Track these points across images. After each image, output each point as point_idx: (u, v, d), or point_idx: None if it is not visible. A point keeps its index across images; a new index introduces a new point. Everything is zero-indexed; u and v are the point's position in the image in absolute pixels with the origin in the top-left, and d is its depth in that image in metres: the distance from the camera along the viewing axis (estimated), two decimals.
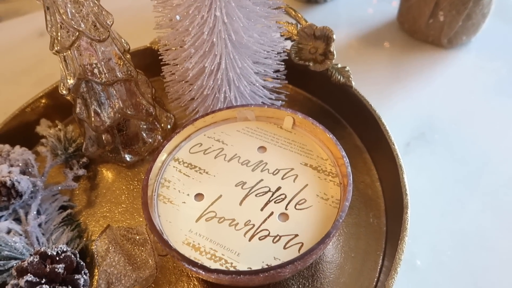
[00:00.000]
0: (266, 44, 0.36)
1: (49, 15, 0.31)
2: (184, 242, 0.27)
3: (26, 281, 0.24)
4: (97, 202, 0.37)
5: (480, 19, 0.45)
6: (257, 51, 0.36)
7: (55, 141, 0.38)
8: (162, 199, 0.30)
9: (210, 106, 0.38)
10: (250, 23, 0.34)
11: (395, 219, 0.31)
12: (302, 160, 0.31)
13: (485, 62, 0.47)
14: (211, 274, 0.25)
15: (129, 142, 0.40)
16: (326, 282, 0.31)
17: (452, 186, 0.36)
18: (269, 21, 0.35)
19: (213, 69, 0.35)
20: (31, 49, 0.57)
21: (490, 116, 0.41)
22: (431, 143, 0.40)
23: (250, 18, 0.34)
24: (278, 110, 0.34)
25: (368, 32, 0.53)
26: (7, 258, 0.28)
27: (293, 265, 0.25)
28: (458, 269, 0.31)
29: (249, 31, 0.34)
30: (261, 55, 0.36)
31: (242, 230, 0.28)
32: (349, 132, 0.40)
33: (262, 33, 0.35)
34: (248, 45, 0.35)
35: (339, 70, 0.39)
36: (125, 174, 0.39)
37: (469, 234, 0.33)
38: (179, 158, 0.32)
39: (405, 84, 0.45)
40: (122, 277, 0.28)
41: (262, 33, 0.35)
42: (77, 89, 0.34)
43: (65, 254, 0.26)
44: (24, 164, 0.35)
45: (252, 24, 0.34)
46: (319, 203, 0.29)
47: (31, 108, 0.42)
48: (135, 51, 0.44)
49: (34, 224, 0.31)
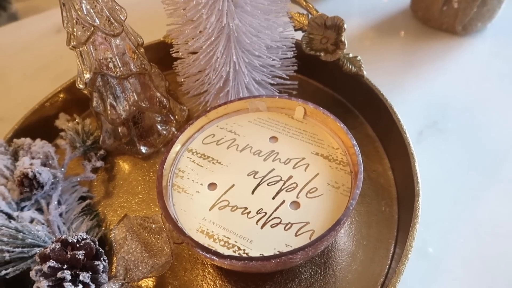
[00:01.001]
0: (274, 39, 0.37)
1: (65, 11, 0.32)
2: (198, 230, 0.28)
3: (48, 267, 0.26)
4: (114, 193, 0.38)
5: (496, 4, 0.45)
6: (266, 45, 0.36)
7: (74, 134, 0.39)
8: (177, 188, 0.31)
9: (221, 99, 0.38)
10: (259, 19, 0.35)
11: (407, 207, 0.31)
12: (313, 150, 0.32)
13: (501, 49, 0.46)
14: (224, 260, 0.26)
15: (144, 134, 0.41)
16: (338, 269, 0.31)
17: (465, 175, 0.36)
18: (276, 17, 0.36)
19: (223, 61, 0.35)
20: (49, 46, 0.59)
21: (504, 104, 0.41)
22: (444, 131, 0.39)
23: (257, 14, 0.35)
24: (289, 100, 0.34)
25: (381, 21, 0.52)
26: (31, 246, 0.29)
27: (304, 252, 0.25)
28: (470, 257, 0.31)
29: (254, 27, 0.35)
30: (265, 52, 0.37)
31: (255, 218, 0.28)
32: (361, 121, 0.40)
33: (270, 28, 0.36)
34: (255, 40, 0.35)
35: (351, 60, 0.39)
36: (141, 166, 0.40)
37: (482, 222, 0.33)
38: (193, 149, 0.33)
39: (418, 72, 0.45)
40: (139, 263, 0.29)
41: (270, 28, 0.36)
42: (93, 83, 0.35)
43: (85, 241, 0.27)
44: (45, 156, 0.36)
45: (261, 19, 0.35)
46: (330, 191, 0.29)
47: (50, 103, 0.43)
48: (149, 45, 0.45)
49: (55, 213, 0.33)
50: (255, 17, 0.35)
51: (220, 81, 0.37)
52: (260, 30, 0.36)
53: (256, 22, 0.35)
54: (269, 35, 0.37)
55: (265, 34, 0.36)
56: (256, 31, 0.35)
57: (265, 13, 0.35)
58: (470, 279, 0.30)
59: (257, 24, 0.35)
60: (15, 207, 0.33)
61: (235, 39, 0.35)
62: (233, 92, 0.38)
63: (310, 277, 0.31)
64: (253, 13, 0.34)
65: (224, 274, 0.32)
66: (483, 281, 0.30)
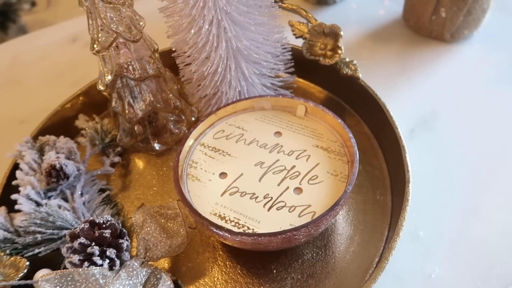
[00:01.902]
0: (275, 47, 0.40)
1: (91, 20, 0.35)
2: (211, 212, 0.31)
3: (79, 243, 0.29)
4: (131, 186, 0.41)
5: (480, 14, 0.48)
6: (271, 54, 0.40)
7: (93, 132, 0.43)
8: (191, 177, 0.34)
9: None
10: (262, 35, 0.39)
11: (399, 195, 0.35)
12: (314, 143, 0.35)
13: (486, 54, 0.50)
14: (236, 237, 0.29)
15: (158, 132, 0.44)
16: (337, 251, 0.34)
17: (452, 167, 0.39)
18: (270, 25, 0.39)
19: (221, 71, 0.39)
20: (65, 55, 0.63)
21: (489, 104, 0.44)
22: (434, 129, 0.43)
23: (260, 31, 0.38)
24: (291, 99, 0.38)
25: (376, 30, 0.56)
26: (60, 228, 0.33)
27: (306, 229, 0.28)
28: (457, 239, 0.34)
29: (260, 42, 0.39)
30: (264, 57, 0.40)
31: (262, 202, 0.32)
32: (357, 120, 0.44)
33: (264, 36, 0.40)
34: (262, 53, 0.39)
35: (347, 64, 0.42)
36: (154, 162, 0.43)
37: (468, 208, 0.36)
38: (204, 143, 0.37)
39: (410, 76, 0.49)
40: (158, 243, 0.32)
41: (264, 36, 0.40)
42: (113, 84, 0.39)
43: (110, 222, 0.31)
44: (68, 151, 0.39)
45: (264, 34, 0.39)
46: (329, 178, 0.32)
47: (70, 105, 0.47)
48: (162, 52, 0.49)
49: (80, 201, 0.36)
50: (258, 33, 0.38)
51: (236, 95, 0.41)
52: (264, 43, 0.39)
53: (260, 37, 0.39)
54: (272, 44, 0.40)
55: (268, 45, 0.40)
56: (261, 45, 0.39)
57: (265, 27, 0.39)
58: (456, 258, 0.33)
59: (261, 38, 0.39)
60: (43, 196, 0.36)
61: (244, 57, 0.39)
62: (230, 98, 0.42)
63: (312, 258, 0.34)
64: (257, 30, 0.38)
65: (233, 256, 0.35)
66: (468, 260, 0.33)
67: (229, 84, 0.40)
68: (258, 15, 0.38)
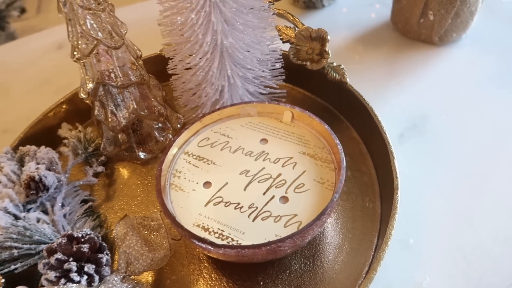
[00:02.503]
0: (263, 52, 0.40)
1: (71, 26, 0.34)
2: (194, 224, 0.30)
3: (56, 259, 0.28)
4: (115, 196, 0.40)
5: (468, 16, 0.48)
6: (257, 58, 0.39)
7: (76, 141, 0.42)
8: (174, 187, 0.33)
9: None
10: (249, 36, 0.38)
11: (388, 202, 0.34)
12: (300, 150, 0.34)
13: (475, 57, 0.49)
14: (218, 250, 0.28)
15: (143, 141, 0.43)
16: (326, 260, 0.33)
17: (442, 172, 0.39)
18: (264, 32, 0.39)
19: (218, 76, 0.38)
20: (51, 61, 0.62)
21: (479, 107, 0.44)
22: (423, 133, 0.42)
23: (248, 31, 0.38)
24: (277, 105, 0.37)
25: (364, 34, 0.56)
26: (38, 243, 0.31)
27: (292, 240, 0.27)
28: (448, 246, 0.33)
29: (246, 43, 0.38)
30: (257, 64, 0.40)
31: (247, 212, 0.31)
32: (346, 125, 0.43)
33: (259, 42, 0.39)
34: (247, 55, 0.38)
35: (335, 68, 0.42)
36: (139, 171, 0.42)
37: (458, 214, 0.35)
38: (189, 151, 0.36)
39: (399, 80, 0.48)
40: (139, 257, 0.31)
41: (259, 42, 0.39)
42: (95, 92, 0.38)
43: (89, 236, 0.30)
44: (49, 162, 0.38)
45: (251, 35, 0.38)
46: (316, 186, 0.32)
47: (53, 113, 0.46)
48: (147, 58, 0.48)
49: (60, 214, 0.35)
50: (246, 34, 0.38)
51: (216, 93, 0.40)
52: (251, 45, 0.39)
53: (247, 38, 0.38)
54: (259, 49, 0.40)
55: (255, 48, 0.39)
56: (248, 46, 0.38)
57: (254, 29, 0.38)
58: (448, 266, 0.32)
59: (248, 40, 0.38)
60: (21, 209, 0.35)
61: (228, 55, 0.38)
62: (228, 103, 0.41)
63: (300, 268, 0.33)
64: (244, 30, 0.37)
65: (219, 268, 0.34)
66: (460, 268, 0.32)
67: (211, 81, 0.39)
68: (247, 15, 0.37)
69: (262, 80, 0.42)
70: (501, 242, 0.33)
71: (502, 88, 0.46)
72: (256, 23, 0.38)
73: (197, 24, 0.36)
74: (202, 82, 0.40)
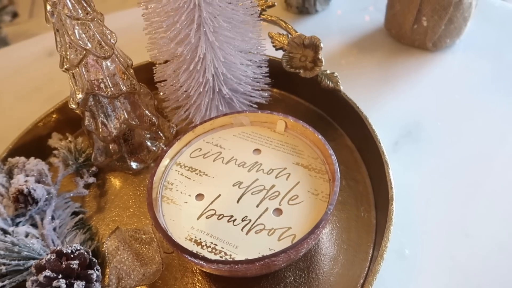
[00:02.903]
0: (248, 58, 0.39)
1: (59, 36, 0.34)
2: (186, 238, 0.30)
3: (44, 277, 0.27)
4: (106, 208, 0.40)
5: (461, 22, 0.48)
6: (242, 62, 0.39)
7: (66, 152, 0.41)
8: (166, 200, 0.32)
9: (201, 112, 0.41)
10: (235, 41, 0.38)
11: (383, 212, 0.33)
12: (294, 160, 0.34)
13: (469, 62, 0.49)
14: (211, 265, 0.27)
15: (135, 151, 0.42)
16: (320, 273, 0.33)
17: (437, 180, 0.38)
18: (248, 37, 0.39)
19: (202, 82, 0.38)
20: (41, 68, 0.61)
21: (473, 113, 0.44)
22: (418, 141, 0.42)
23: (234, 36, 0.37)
24: (271, 115, 0.36)
25: (358, 40, 0.55)
26: (26, 258, 0.31)
27: (286, 254, 0.27)
28: (444, 257, 0.33)
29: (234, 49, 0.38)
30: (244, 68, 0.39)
31: (240, 225, 0.30)
32: (340, 133, 0.43)
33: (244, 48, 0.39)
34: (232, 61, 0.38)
35: (328, 76, 0.41)
36: (131, 181, 0.42)
37: (453, 224, 0.35)
38: (181, 163, 0.35)
39: (393, 86, 0.48)
40: (131, 272, 0.30)
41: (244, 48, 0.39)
42: (85, 103, 0.37)
43: (78, 251, 0.29)
44: (39, 174, 0.38)
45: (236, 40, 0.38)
46: (310, 198, 0.31)
47: (43, 123, 0.45)
48: (138, 66, 0.48)
49: (50, 228, 0.34)
50: (228, 31, 0.37)
51: (198, 88, 0.39)
52: (234, 49, 0.38)
53: (230, 34, 0.37)
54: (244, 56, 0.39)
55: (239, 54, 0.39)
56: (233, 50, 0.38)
57: (239, 31, 0.38)
58: (443, 277, 0.32)
59: (230, 35, 0.38)
60: (10, 223, 0.34)
61: (215, 52, 0.37)
62: (213, 105, 0.40)
63: (294, 281, 0.32)
64: (227, 27, 0.37)
65: (212, 281, 0.33)
66: (454, 278, 0.32)
67: (193, 74, 0.38)
68: (231, 12, 0.36)
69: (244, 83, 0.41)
70: (497, 251, 0.33)
71: (496, 94, 0.45)
72: (239, 23, 0.37)
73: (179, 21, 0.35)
74: (184, 83, 0.39)
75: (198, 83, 0.38)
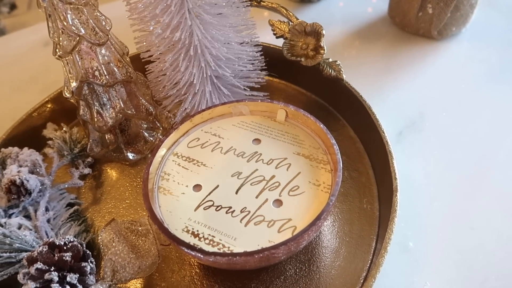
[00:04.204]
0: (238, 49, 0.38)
1: (51, 22, 0.33)
2: (183, 229, 0.29)
3: (36, 269, 0.26)
4: (102, 199, 0.39)
5: (468, 10, 0.47)
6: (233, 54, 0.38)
7: (61, 142, 0.40)
8: (162, 191, 0.31)
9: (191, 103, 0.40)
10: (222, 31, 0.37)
11: (387, 204, 0.32)
12: (295, 150, 0.33)
13: (475, 51, 0.48)
14: (209, 257, 0.26)
15: (131, 141, 0.41)
16: (322, 265, 0.32)
17: (442, 172, 0.37)
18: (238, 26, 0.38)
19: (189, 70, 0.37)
20: (37, 59, 0.60)
21: (479, 104, 0.42)
22: (422, 131, 0.41)
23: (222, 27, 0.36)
24: (271, 104, 0.35)
25: (361, 28, 0.54)
26: (18, 250, 0.30)
27: (286, 246, 0.26)
28: (449, 250, 0.32)
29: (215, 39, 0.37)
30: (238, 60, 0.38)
31: (239, 217, 0.29)
32: (342, 124, 0.42)
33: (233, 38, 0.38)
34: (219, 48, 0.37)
35: (330, 64, 0.40)
36: (128, 172, 0.41)
37: (458, 216, 0.34)
38: (178, 153, 0.34)
39: (397, 75, 0.47)
40: (126, 264, 0.29)
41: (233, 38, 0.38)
42: (79, 91, 0.36)
43: (72, 243, 0.28)
44: (32, 164, 0.37)
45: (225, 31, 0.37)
46: (311, 189, 0.30)
47: (38, 113, 0.44)
48: (135, 55, 0.46)
49: (43, 219, 0.33)
50: (217, 29, 0.36)
51: (185, 86, 0.38)
52: (222, 40, 0.37)
53: (216, 33, 0.36)
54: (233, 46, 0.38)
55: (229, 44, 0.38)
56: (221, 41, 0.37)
57: (230, 26, 0.37)
58: (448, 271, 0.31)
59: (220, 34, 0.37)
60: (2, 214, 0.33)
61: (200, 49, 0.36)
62: (214, 90, 0.39)
63: (295, 274, 0.31)
64: (216, 25, 0.36)
65: (211, 274, 0.32)
66: (461, 272, 0.31)
67: (193, 60, 0.37)
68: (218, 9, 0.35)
69: (241, 74, 0.40)
70: (503, 244, 0.32)
71: (503, 84, 0.44)
72: (225, 11, 0.36)
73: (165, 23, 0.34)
74: (172, 74, 0.38)
75: (200, 68, 0.37)
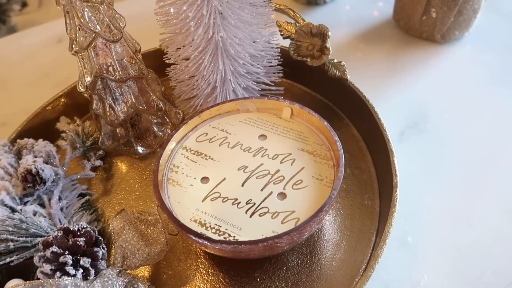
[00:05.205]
0: (257, 49, 0.39)
1: (69, 19, 0.34)
2: (191, 219, 0.30)
3: (51, 252, 0.27)
4: (112, 191, 0.40)
5: (471, 14, 0.48)
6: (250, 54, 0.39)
7: (74, 135, 0.42)
8: (171, 182, 0.33)
9: (209, 103, 0.41)
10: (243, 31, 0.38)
11: (387, 200, 0.33)
12: (299, 146, 0.34)
13: (478, 55, 0.49)
14: (215, 245, 0.28)
15: (141, 135, 0.43)
16: (323, 258, 0.33)
17: (442, 170, 0.38)
18: (259, 28, 0.39)
19: (211, 69, 0.38)
20: (50, 55, 0.61)
21: (480, 106, 0.44)
22: (424, 131, 0.42)
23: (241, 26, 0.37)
24: (277, 101, 0.37)
25: (366, 31, 0.55)
26: (34, 236, 0.31)
27: (289, 236, 0.27)
28: (447, 245, 0.33)
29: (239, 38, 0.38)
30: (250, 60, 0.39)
31: (244, 208, 0.30)
32: (346, 123, 0.43)
33: (254, 38, 0.39)
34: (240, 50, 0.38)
35: (335, 65, 0.41)
36: (137, 165, 0.42)
37: (457, 213, 0.35)
38: (187, 146, 0.35)
39: (400, 77, 0.48)
40: (136, 251, 0.30)
41: (254, 38, 0.39)
42: (93, 86, 0.38)
43: (85, 229, 0.29)
44: (47, 155, 0.38)
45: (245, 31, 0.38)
46: (314, 183, 0.31)
47: (52, 107, 0.45)
48: (146, 53, 0.48)
49: (57, 207, 0.35)
50: (239, 29, 0.37)
51: (208, 87, 0.40)
52: (244, 41, 0.38)
53: (240, 33, 0.38)
54: (253, 45, 0.39)
55: (249, 44, 0.39)
56: (241, 42, 0.38)
57: (249, 25, 0.38)
58: (446, 265, 0.32)
59: (241, 35, 0.38)
60: (18, 202, 0.35)
61: (221, 49, 0.38)
62: (221, 97, 0.40)
63: (297, 265, 0.33)
64: (238, 25, 0.37)
65: (216, 263, 0.34)
66: (458, 267, 0.32)
67: (202, 73, 0.38)
68: (243, 10, 0.36)
69: (257, 76, 0.41)
70: (500, 241, 0.33)
71: (504, 87, 0.45)
72: (250, 18, 0.37)
73: (189, 17, 0.35)
74: (194, 74, 0.40)
75: (229, 66, 0.38)
